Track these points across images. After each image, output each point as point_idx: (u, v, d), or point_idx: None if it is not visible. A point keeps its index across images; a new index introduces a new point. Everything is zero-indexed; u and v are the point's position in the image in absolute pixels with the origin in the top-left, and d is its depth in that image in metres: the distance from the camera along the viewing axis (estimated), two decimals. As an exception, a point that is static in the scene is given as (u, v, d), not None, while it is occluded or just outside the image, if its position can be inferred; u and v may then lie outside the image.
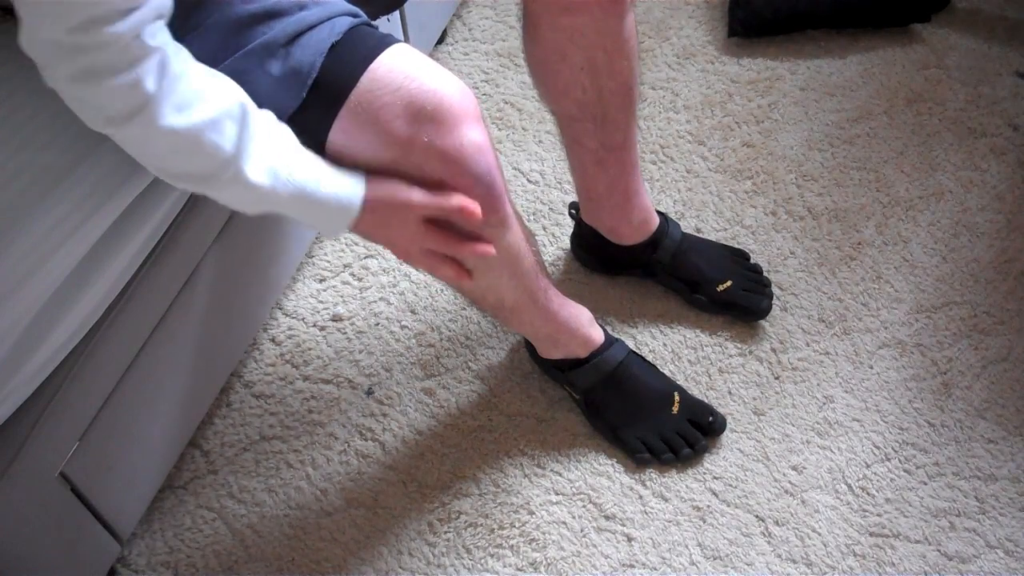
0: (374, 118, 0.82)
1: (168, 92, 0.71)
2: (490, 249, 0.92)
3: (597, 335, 1.20)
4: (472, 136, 0.85)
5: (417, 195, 0.85)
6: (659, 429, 1.20)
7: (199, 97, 0.74)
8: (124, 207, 0.92)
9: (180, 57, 0.74)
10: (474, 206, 0.86)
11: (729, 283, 1.31)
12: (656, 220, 1.30)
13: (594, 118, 1.14)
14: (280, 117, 0.82)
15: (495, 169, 0.89)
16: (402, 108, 0.82)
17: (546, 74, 1.13)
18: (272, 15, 0.83)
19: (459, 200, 0.86)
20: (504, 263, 1.00)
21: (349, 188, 0.84)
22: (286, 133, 0.82)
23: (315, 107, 0.83)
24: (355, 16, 0.87)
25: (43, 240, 0.84)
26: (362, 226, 0.87)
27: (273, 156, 0.80)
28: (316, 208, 0.83)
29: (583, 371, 1.20)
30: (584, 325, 1.19)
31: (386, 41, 0.85)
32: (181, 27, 0.82)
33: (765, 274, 1.36)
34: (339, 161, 0.86)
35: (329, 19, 0.84)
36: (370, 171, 0.86)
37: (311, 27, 0.83)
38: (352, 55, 0.83)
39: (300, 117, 0.83)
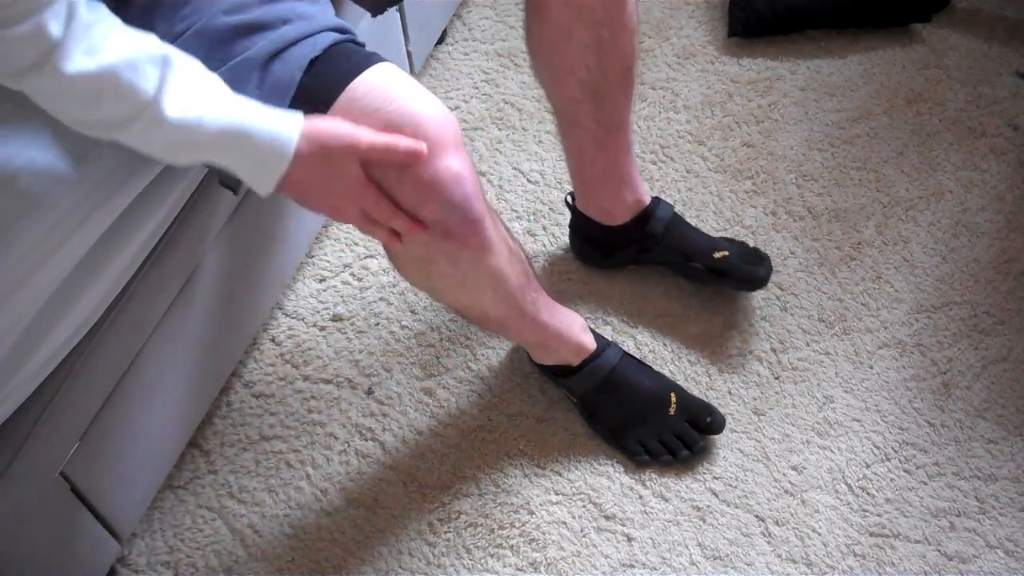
0: None
1: (77, 38, 0.69)
2: (424, 232, 0.87)
3: (589, 342, 1.20)
4: (450, 164, 0.84)
5: (363, 132, 0.80)
6: (656, 432, 1.20)
7: (112, 40, 0.71)
8: (124, 206, 0.91)
9: (94, 7, 0.71)
10: (420, 147, 0.81)
11: (726, 252, 1.30)
12: (648, 198, 1.31)
13: (595, 97, 1.14)
14: None
15: (473, 197, 0.87)
16: (380, 130, 0.81)
17: (552, 55, 1.12)
18: (255, 28, 0.82)
19: (406, 143, 0.80)
20: (485, 284, 0.99)
21: (285, 123, 0.78)
22: (216, 80, 0.78)
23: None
24: (342, 32, 0.86)
25: (44, 240, 0.84)
26: (296, 173, 0.80)
27: (199, 96, 0.75)
28: (246, 148, 0.77)
29: (577, 378, 1.20)
30: (576, 333, 1.18)
31: (370, 60, 0.84)
32: (165, 32, 0.82)
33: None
34: None
35: (311, 35, 0.83)
36: None
37: (293, 43, 0.82)
38: (333, 72, 0.82)
39: None
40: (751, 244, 1.40)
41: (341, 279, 1.41)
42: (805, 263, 1.39)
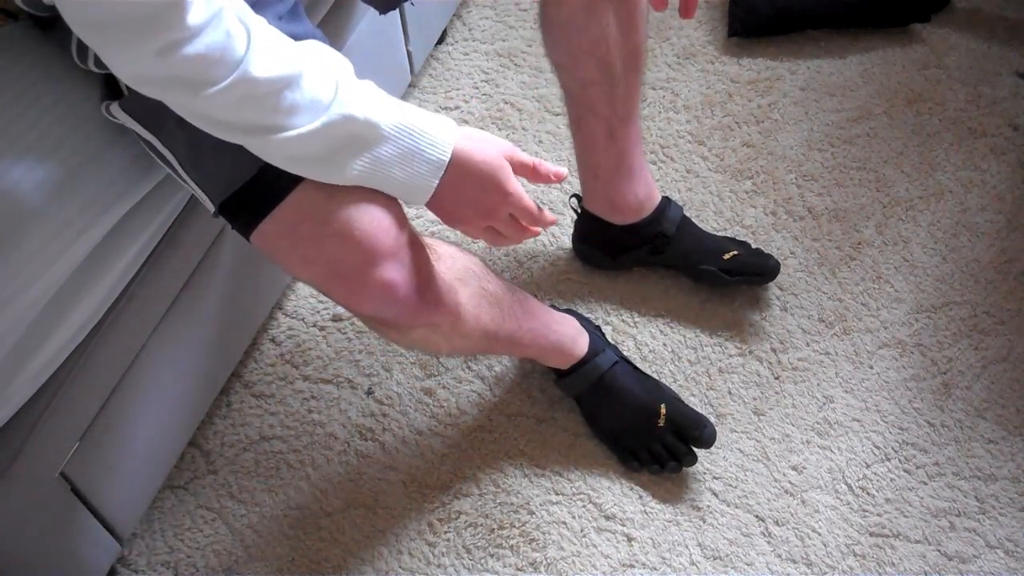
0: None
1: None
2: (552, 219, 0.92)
3: (581, 348, 1.19)
4: (382, 273, 0.84)
5: (513, 184, 0.86)
6: (645, 442, 1.19)
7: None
8: (126, 210, 0.91)
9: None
10: (563, 172, 0.88)
11: (735, 252, 1.31)
12: (659, 195, 1.31)
13: (610, 81, 1.13)
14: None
15: (407, 299, 0.87)
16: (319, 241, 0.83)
17: (571, 34, 1.09)
18: None
19: (550, 168, 0.88)
20: (460, 344, 1.00)
21: (444, 123, 0.82)
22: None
23: (253, 193, 0.83)
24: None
25: (47, 243, 0.83)
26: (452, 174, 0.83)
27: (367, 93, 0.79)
28: (411, 139, 0.80)
29: (565, 382, 1.21)
30: (565, 344, 1.18)
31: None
32: None
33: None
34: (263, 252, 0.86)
35: None
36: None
37: None
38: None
39: (238, 199, 0.84)
40: (752, 245, 1.40)
41: (341, 279, 1.41)
42: (805, 263, 1.39)
